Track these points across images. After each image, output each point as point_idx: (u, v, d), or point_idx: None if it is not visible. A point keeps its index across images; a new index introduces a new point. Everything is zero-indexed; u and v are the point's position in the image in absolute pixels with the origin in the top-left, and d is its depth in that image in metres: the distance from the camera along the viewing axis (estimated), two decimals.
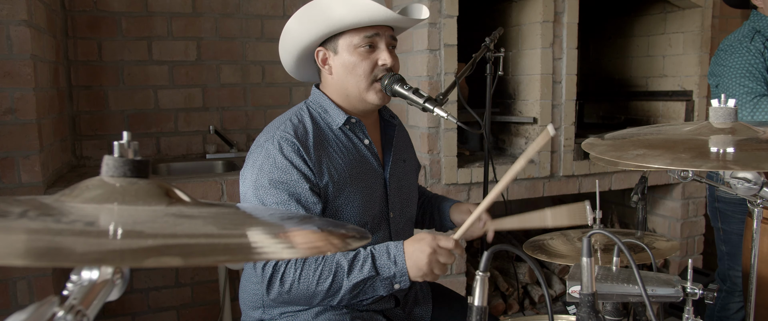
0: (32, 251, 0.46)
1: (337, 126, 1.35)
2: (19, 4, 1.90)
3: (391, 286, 1.23)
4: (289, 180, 1.24)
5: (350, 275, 1.21)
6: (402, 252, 1.22)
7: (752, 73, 2.03)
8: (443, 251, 1.20)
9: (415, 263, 1.20)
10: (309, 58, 1.39)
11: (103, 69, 2.65)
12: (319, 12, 1.27)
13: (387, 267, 1.21)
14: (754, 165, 1.00)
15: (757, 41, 2.05)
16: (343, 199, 1.32)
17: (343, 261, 1.22)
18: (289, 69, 1.44)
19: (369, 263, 1.21)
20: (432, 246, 1.19)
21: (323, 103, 1.38)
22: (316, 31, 1.29)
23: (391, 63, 1.32)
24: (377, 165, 1.41)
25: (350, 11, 1.25)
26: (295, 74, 1.46)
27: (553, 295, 2.99)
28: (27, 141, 1.96)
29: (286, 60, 1.41)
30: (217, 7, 2.82)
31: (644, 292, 0.98)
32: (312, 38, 1.31)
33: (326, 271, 1.21)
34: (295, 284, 1.21)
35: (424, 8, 1.36)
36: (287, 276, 1.21)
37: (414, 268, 1.20)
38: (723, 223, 2.20)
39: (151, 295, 2.73)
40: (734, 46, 2.09)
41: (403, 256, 1.21)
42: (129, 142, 0.63)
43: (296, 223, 0.72)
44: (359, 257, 1.23)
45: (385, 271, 1.21)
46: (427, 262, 1.19)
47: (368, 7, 1.24)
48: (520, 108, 2.75)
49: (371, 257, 1.22)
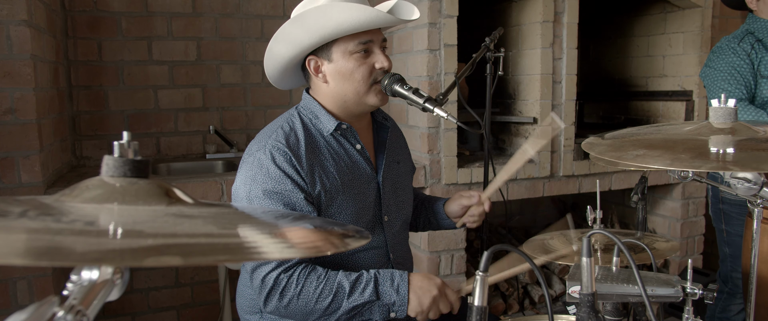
0: (32, 250, 0.46)
1: (328, 132, 1.34)
2: (19, 4, 1.90)
3: (388, 314, 1.25)
4: (284, 190, 1.24)
5: (350, 297, 1.22)
6: (406, 282, 1.24)
7: (734, 76, 2.04)
8: (447, 300, 1.26)
9: (418, 299, 1.24)
10: (296, 67, 1.38)
11: (103, 69, 2.65)
12: (312, 21, 1.26)
13: (388, 294, 1.23)
14: (754, 165, 1.00)
15: (746, 43, 2.06)
16: (336, 207, 1.32)
17: (345, 282, 1.23)
18: (273, 79, 1.42)
19: (371, 287, 1.23)
20: (440, 290, 1.25)
21: (314, 108, 1.36)
22: (309, 40, 1.27)
23: (388, 65, 1.32)
24: (370, 169, 1.40)
25: (347, 18, 1.23)
26: (278, 84, 1.44)
27: (553, 295, 2.99)
28: (27, 141, 1.96)
29: (272, 70, 1.38)
30: (217, 7, 2.82)
31: (644, 292, 0.98)
32: (303, 47, 1.29)
33: (327, 291, 1.21)
34: (294, 300, 1.21)
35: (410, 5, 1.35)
36: (287, 291, 1.21)
37: (415, 302, 1.24)
38: (726, 224, 2.19)
39: (151, 295, 2.73)
40: (722, 49, 2.11)
41: (407, 287, 1.24)
42: (129, 142, 0.63)
43: (293, 221, 0.72)
44: (362, 280, 1.23)
45: (386, 298, 1.24)
46: (430, 303, 1.24)
47: (364, 13, 1.23)
48: (520, 108, 2.75)
49: (374, 281, 1.24)
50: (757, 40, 2.06)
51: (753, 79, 2.05)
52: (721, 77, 2.07)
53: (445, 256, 2.56)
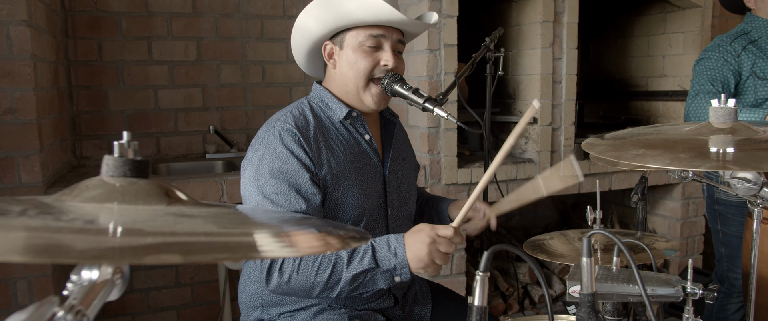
0: (31, 248, 0.46)
1: (339, 119, 1.36)
2: (19, 4, 1.90)
3: (392, 279, 1.22)
4: (290, 170, 1.24)
5: (350, 266, 1.20)
6: (402, 244, 1.20)
7: (713, 77, 2.05)
8: (443, 240, 1.18)
9: (415, 255, 1.18)
10: (318, 51, 1.40)
11: (103, 69, 2.65)
12: (329, 6, 1.28)
13: (387, 259, 1.20)
14: (753, 165, 1.00)
15: (738, 43, 2.06)
16: (342, 191, 1.32)
17: (343, 252, 1.21)
18: (300, 61, 1.45)
19: (369, 255, 1.20)
20: (431, 236, 1.17)
21: (324, 97, 1.38)
22: (325, 24, 1.31)
23: (393, 65, 1.32)
24: (377, 161, 1.41)
25: (359, 7, 1.26)
26: (305, 67, 1.47)
27: (553, 295, 2.99)
28: (27, 141, 1.96)
29: (297, 51, 1.42)
30: (217, 7, 2.82)
31: (644, 292, 0.98)
32: (322, 31, 1.33)
33: (325, 262, 1.20)
34: (294, 274, 1.20)
35: (435, 15, 1.38)
36: (286, 266, 1.21)
37: (414, 259, 1.18)
38: (722, 225, 2.20)
39: (151, 295, 2.73)
40: (711, 47, 2.12)
41: (404, 247, 1.20)
42: (129, 142, 0.64)
43: (295, 224, 0.72)
44: (359, 249, 1.22)
45: (385, 264, 1.20)
46: (427, 252, 1.17)
47: (377, 6, 1.25)
48: (520, 108, 2.75)
49: (371, 249, 1.21)
50: (750, 42, 2.06)
51: (735, 80, 2.06)
52: (703, 74, 2.08)
53: None
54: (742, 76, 2.05)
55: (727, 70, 2.04)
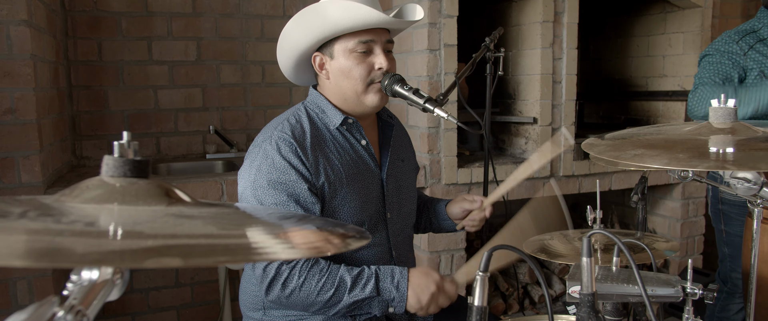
0: (32, 252, 0.46)
1: (335, 126, 1.36)
2: (19, 4, 1.90)
3: (387, 309, 1.27)
4: (288, 180, 1.25)
5: (352, 292, 1.23)
6: (406, 279, 1.26)
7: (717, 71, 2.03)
8: (445, 295, 1.28)
9: (417, 296, 1.25)
10: (306, 62, 1.39)
11: (103, 69, 2.65)
12: (315, 16, 1.28)
13: (388, 290, 1.25)
14: (753, 165, 1.00)
15: (744, 42, 2.03)
16: (340, 199, 1.32)
17: (347, 277, 1.24)
18: (287, 73, 1.45)
19: (372, 283, 1.24)
20: (438, 286, 1.26)
21: (321, 103, 1.38)
22: (312, 35, 1.30)
23: (387, 66, 1.33)
24: (374, 165, 1.41)
25: (345, 16, 1.25)
26: (293, 78, 1.47)
27: (553, 295, 2.99)
28: (27, 141, 1.96)
29: (284, 64, 1.42)
30: (217, 7, 2.82)
31: (644, 292, 0.98)
32: (309, 43, 1.32)
33: (329, 284, 1.22)
34: (296, 291, 1.22)
35: (418, 8, 1.36)
36: (290, 281, 1.22)
37: (414, 299, 1.25)
38: (726, 225, 2.19)
39: (151, 295, 2.73)
40: (717, 44, 2.08)
41: (407, 284, 1.26)
42: (129, 142, 0.63)
43: (295, 222, 0.72)
44: (363, 275, 1.25)
45: (386, 294, 1.25)
46: (428, 299, 1.25)
47: (362, 12, 1.24)
48: (520, 108, 2.75)
49: (375, 277, 1.25)
50: (759, 40, 2.03)
51: (739, 77, 2.03)
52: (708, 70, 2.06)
53: (445, 256, 2.56)
54: (747, 74, 2.03)
55: (732, 68, 2.02)
